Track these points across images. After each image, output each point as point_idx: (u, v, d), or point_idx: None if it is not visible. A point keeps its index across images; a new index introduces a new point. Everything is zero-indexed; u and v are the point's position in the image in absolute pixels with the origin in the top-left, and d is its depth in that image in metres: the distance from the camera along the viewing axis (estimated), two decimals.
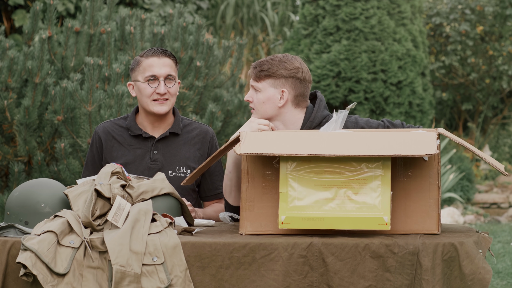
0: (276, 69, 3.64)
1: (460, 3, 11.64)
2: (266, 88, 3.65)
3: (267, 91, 3.65)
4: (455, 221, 9.12)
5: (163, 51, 3.88)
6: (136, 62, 3.91)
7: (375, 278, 3.07)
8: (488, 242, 3.23)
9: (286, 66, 3.65)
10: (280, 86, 3.64)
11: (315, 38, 9.87)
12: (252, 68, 3.68)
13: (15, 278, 3.11)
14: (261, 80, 3.65)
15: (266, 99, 3.65)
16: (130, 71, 3.96)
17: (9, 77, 6.14)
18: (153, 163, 3.92)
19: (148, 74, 3.86)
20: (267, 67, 3.65)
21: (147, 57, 3.88)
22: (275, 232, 3.24)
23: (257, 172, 3.27)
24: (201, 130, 4.01)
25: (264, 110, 3.66)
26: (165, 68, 3.86)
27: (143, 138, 3.95)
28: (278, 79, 3.64)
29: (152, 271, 3.05)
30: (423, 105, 9.82)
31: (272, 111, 3.66)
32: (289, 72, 3.65)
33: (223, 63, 6.85)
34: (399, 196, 3.22)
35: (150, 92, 3.86)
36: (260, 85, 3.65)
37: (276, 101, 3.65)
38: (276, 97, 3.65)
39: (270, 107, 3.65)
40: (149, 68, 3.86)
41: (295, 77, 3.66)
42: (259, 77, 3.65)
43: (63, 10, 10.49)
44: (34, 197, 3.25)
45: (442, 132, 3.24)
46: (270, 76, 3.64)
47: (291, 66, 3.66)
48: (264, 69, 3.65)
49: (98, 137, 3.98)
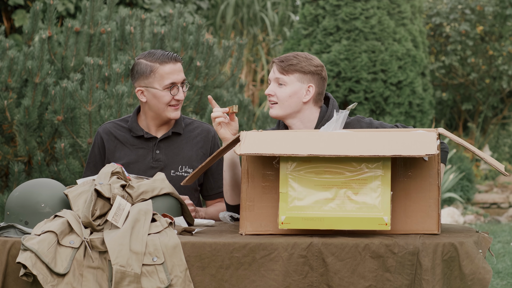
0: (304, 64, 3.68)
1: (460, 3, 11.64)
2: (294, 82, 3.68)
3: (294, 85, 3.68)
4: (455, 221, 9.12)
5: (175, 56, 3.86)
6: (149, 69, 3.85)
7: (375, 278, 3.07)
8: (488, 242, 3.23)
9: (312, 63, 3.70)
10: (306, 81, 3.68)
11: (315, 38, 9.87)
12: (278, 62, 3.69)
13: (15, 278, 3.11)
14: (289, 74, 3.67)
15: (293, 93, 3.68)
16: (138, 76, 3.89)
17: (9, 77, 6.14)
18: (155, 162, 3.92)
19: (168, 82, 3.84)
20: (296, 61, 3.67)
21: (162, 64, 3.84)
22: (275, 232, 3.24)
23: (257, 172, 3.27)
24: (203, 129, 4.02)
25: (289, 104, 3.68)
26: (181, 74, 3.87)
27: (145, 139, 3.96)
28: (306, 74, 3.68)
29: (152, 271, 3.05)
30: (423, 105, 9.82)
31: (296, 106, 3.69)
32: (316, 69, 3.70)
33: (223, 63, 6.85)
34: (399, 196, 3.22)
35: (169, 100, 3.86)
36: (287, 78, 3.68)
37: (301, 96, 3.68)
38: (301, 92, 3.68)
39: (295, 101, 3.68)
40: (167, 75, 3.84)
41: (320, 74, 3.71)
42: (287, 71, 3.67)
43: (63, 10, 10.49)
44: (34, 197, 3.25)
45: (442, 132, 3.24)
46: (298, 70, 3.67)
47: (317, 63, 3.72)
48: (293, 63, 3.67)
49: (100, 138, 3.98)
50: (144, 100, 3.91)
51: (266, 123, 6.93)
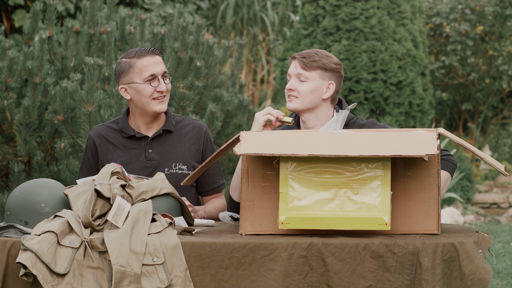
0: (326, 61, 3.74)
1: (460, 3, 11.64)
2: (315, 78, 3.73)
3: (316, 81, 3.73)
4: (455, 221, 9.12)
5: (152, 50, 3.88)
6: (128, 65, 3.87)
7: (375, 278, 3.07)
8: (488, 242, 3.23)
9: (333, 61, 3.77)
10: (327, 78, 3.74)
11: (315, 38, 9.87)
12: (300, 58, 3.74)
13: (15, 278, 3.11)
14: (312, 70, 3.73)
15: (314, 89, 3.73)
16: (119, 75, 3.91)
17: (9, 77, 6.14)
18: (149, 162, 3.92)
19: (147, 74, 3.85)
20: (317, 58, 3.73)
21: (139, 58, 3.85)
22: (275, 232, 3.24)
23: (257, 172, 3.27)
24: (194, 126, 4.02)
25: (309, 100, 3.73)
26: (160, 65, 3.87)
27: (137, 139, 3.96)
28: (327, 71, 3.74)
29: (152, 271, 3.05)
30: (423, 105, 9.82)
31: (316, 102, 3.74)
32: (336, 66, 3.77)
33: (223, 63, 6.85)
34: (399, 196, 3.22)
35: (151, 92, 3.86)
36: (309, 74, 3.73)
37: (321, 92, 3.74)
38: (322, 89, 3.74)
39: (315, 97, 3.73)
40: (146, 68, 3.85)
41: (339, 72, 3.78)
42: (309, 67, 3.72)
43: (63, 10, 10.49)
44: (34, 197, 3.25)
45: (442, 132, 3.24)
46: (320, 67, 3.73)
47: (336, 61, 3.78)
48: (315, 60, 3.73)
49: (92, 142, 3.98)
50: (128, 97, 3.92)
51: None
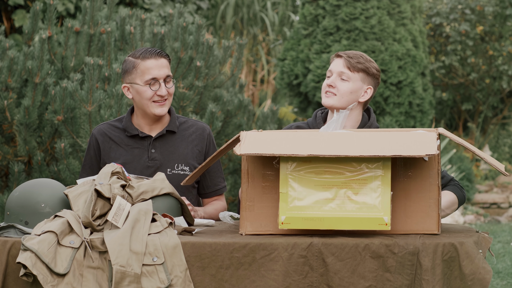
0: (369, 66, 3.79)
1: (460, 3, 11.64)
2: (357, 80, 3.77)
3: (357, 83, 3.78)
4: (455, 221, 9.12)
5: (158, 52, 3.85)
6: (132, 65, 3.87)
7: (375, 278, 3.07)
8: (488, 242, 3.22)
9: (375, 67, 3.82)
10: (368, 83, 3.79)
11: (315, 38, 9.87)
12: (346, 57, 3.78)
13: (15, 278, 3.11)
14: (355, 71, 3.77)
15: (354, 90, 3.78)
16: (124, 73, 3.91)
17: (9, 77, 6.14)
18: (151, 161, 3.92)
19: (149, 77, 3.84)
20: (363, 60, 3.78)
21: (143, 60, 3.84)
22: (275, 232, 3.24)
23: (257, 172, 3.27)
24: (198, 127, 4.02)
25: (347, 99, 3.77)
26: (163, 69, 3.85)
27: (140, 138, 3.95)
28: (369, 76, 3.79)
29: (152, 271, 3.05)
30: (423, 105, 9.82)
31: (352, 103, 3.77)
32: (377, 72, 3.82)
33: (223, 63, 6.85)
34: (399, 196, 3.22)
35: (151, 95, 3.85)
36: (352, 75, 3.77)
37: (359, 95, 3.79)
38: (360, 91, 3.79)
39: (353, 98, 3.78)
40: (148, 70, 3.84)
41: (378, 79, 3.84)
42: (354, 67, 3.77)
43: (63, 10, 10.49)
44: (34, 197, 3.25)
45: (442, 132, 3.24)
46: (364, 70, 3.78)
47: (378, 68, 3.83)
48: (360, 62, 3.77)
49: (95, 139, 3.98)
50: (130, 96, 3.92)
51: (266, 123, 6.93)
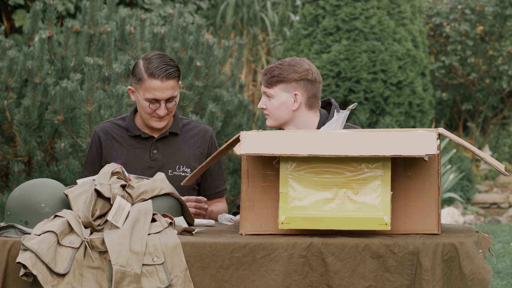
0: (287, 73, 3.72)
1: (460, 3, 11.64)
2: (279, 93, 3.73)
3: (280, 96, 3.73)
4: (455, 221, 9.12)
5: (168, 74, 3.78)
6: (139, 76, 3.81)
7: (375, 278, 3.07)
8: (488, 242, 3.22)
9: (296, 69, 3.73)
10: (292, 89, 3.73)
11: (315, 38, 9.87)
12: (262, 75, 3.75)
13: (15, 278, 3.11)
14: (273, 86, 3.73)
15: (280, 104, 3.73)
16: (132, 75, 3.88)
17: (9, 77, 6.14)
18: (153, 162, 3.92)
19: (150, 97, 3.80)
20: (278, 72, 3.72)
21: (150, 77, 3.78)
22: (275, 232, 3.24)
23: (257, 172, 3.27)
24: (201, 129, 4.02)
25: (279, 115, 3.74)
26: (167, 92, 3.80)
27: (142, 138, 3.95)
28: (290, 83, 3.72)
29: (152, 271, 3.05)
30: (423, 105, 9.82)
31: (287, 116, 3.74)
32: (300, 75, 3.73)
33: (223, 63, 6.85)
34: (399, 196, 3.22)
35: (149, 111, 3.84)
36: (272, 91, 3.74)
37: (290, 105, 3.73)
38: (289, 101, 3.73)
39: (284, 111, 3.74)
40: (151, 91, 3.79)
41: (306, 79, 3.74)
42: (270, 84, 3.73)
43: (63, 10, 10.49)
44: (34, 197, 3.25)
45: (442, 132, 3.24)
46: (281, 81, 3.72)
47: (301, 69, 3.73)
48: (274, 75, 3.72)
49: (98, 137, 3.98)
50: (133, 99, 3.93)
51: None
